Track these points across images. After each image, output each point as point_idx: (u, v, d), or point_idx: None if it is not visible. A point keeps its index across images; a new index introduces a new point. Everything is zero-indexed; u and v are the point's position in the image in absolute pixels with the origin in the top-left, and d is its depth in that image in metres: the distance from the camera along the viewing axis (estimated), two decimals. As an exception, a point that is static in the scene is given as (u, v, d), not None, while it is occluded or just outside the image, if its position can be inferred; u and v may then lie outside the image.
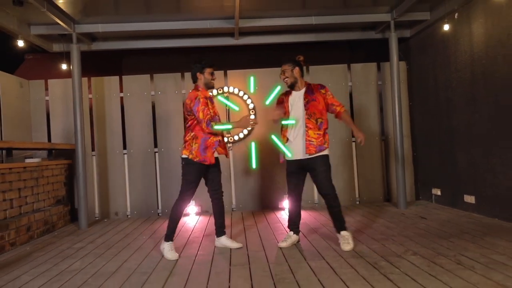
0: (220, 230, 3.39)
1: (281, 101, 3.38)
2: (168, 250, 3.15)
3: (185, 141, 3.24)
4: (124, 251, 3.45)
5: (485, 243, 3.10)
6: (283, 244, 3.29)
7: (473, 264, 2.63)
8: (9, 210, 3.86)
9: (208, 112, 3.15)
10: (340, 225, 3.23)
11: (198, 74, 3.28)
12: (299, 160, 3.22)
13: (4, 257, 3.44)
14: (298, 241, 3.41)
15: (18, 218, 3.88)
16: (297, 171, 3.27)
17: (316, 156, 3.16)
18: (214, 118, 3.22)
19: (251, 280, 2.53)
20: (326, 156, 3.21)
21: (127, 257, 3.26)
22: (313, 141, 3.16)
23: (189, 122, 3.24)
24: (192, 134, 3.20)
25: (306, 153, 3.17)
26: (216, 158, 3.29)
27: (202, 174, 3.24)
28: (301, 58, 3.35)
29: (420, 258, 2.82)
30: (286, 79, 3.31)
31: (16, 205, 3.97)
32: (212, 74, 3.29)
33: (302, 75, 3.33)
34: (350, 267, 2.70)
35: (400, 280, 2.39)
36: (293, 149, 3.23)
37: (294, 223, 3.39)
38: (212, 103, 3.29)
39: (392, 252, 3.01)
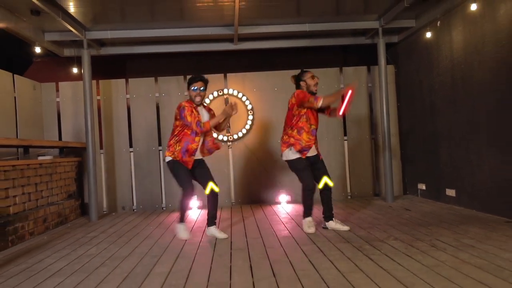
0: (211, 220, 3.71)
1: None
2: (182, 229, 3.68)
3: (169, 145, 3.63)
4: (135, 239, 3.80)
5: (459, 230, 3.46)
6: (311, 230, 3.66)
7: (445, 246, 2.99)
8: (27, 203, 4.20)
9: (195, 115, 3.51)
10: (331, 214, 3.74)
11: (187, 90, 3.70)
12: (310, 157, 3.73)
13: (25, 245, 3.78)
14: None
15: (36, 210, 4.22)
16: (309, 165, 3.72)
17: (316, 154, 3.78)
18: (200, 120, 3.55)
19: (250, 261, 2.88)
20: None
21: (138, 243, 3.61)
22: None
23: (176, 129, 3.61)
24: (176, 138, 3.57)
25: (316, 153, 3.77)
26: (201, 160, 3.67)
27: (189, 172, 3.59)
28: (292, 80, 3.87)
29: (399, 242, 3.18)
30: (316, 86, 3.70)
31: (33, 198, 4.31)
32: (194, 90, 3.55)
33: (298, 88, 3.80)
34: (337, 250, 3.06)
35: (379, 260, 2.74)
36: (311, 150, 3.70)
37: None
38: (199, 112, 3.58)
39: (376, 237, 3.37)
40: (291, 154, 3.68)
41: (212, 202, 3.67)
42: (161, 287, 2.43)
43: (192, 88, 3.57)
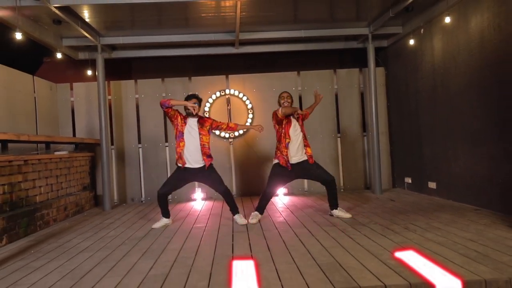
0: (233, 211, 4.18)
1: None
2: (158, 222, 4.15)
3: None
4: (147, 225, 4.29)
5: (432, 216, 3.95)
6: (252, 221, 4.07)
7: (416, 228, 3.48)
8: (50, 193, 4.69)
9: (173, 100, 3.95)
10: (335, 203, 4.17)
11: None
12: (301, 164, 4.08)
13: (51, 229, 4.28)
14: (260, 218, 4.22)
15: (57, 200, 4.72)
16: (293, 175, 4.11)
17: (314, 163, 4.14)
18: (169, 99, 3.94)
19: (249, 240, 3.37)
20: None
21: (151, 228, 4.10)
22: (310, 155, 4.16)
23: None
24: (176, 142, 4.04)
25: (309, 163, 4.09)
26: (202, 168, 3.98)
27: (178, 180, 4.02)
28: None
29: (378, 225, 3.67)
30: (287, 103, 4.12)
31: (55, 189, 4.80)
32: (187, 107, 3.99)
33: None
34: (324, 232, 3.55)
35: (358, 238, 3.23)
36: (291, 160, 4.05)
37: (264, 207, 4.25)
38: (185, 123, 3.98)
39: (359, 222, 3.86)
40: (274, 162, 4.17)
41: (226, 200, 4.15)
42: (176, 258, 2.93)
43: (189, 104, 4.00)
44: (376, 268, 2.48)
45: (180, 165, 4.00)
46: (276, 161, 4.11)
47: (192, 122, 4.03)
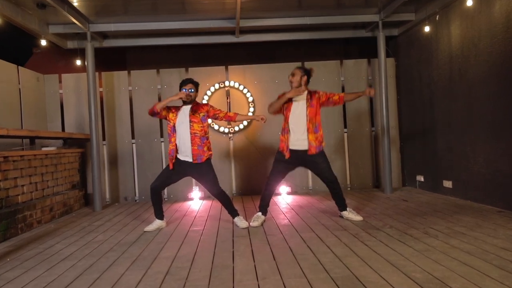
0: (232, 214, 3.82)
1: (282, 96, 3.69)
2: (152, 224, 3.80)
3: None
4: (139, 227, 3.93)
5: (452, 219, 3.59)
6: (254, 224, 3.68)
7: (437, 233, 3.12)
8: (35, 192, 4.32)
9: (160, 104, 3.66)
10: (344, 204, 3.80)
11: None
12: (301, 155, 3.63)
13: (34, 232, 3.91)
14: (264, 220, 3.82)
15: (42, 200, 4.35)
16: (292, 163, 3.70)
17: (316, 154, 3.63)
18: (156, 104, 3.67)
19: (251, 247, 3.01)
20: (323, 152, 3.71)
21: (143, 231, 3.74)
22: (313, 143, 3.62)
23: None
24: (169, 137, 3.71)
25: (308, 154, 3.63)
26: (195, 164, 3.59)
27: (170, 175, 3.68)
28: (313, 71, 3.75)
29: (394, 230, 3.31)
30: (292, 82, 3.67)
31: (40, 188, 4.43)
32: (184, 90, 3.64)
33: (307, 84, 3.72)
34: (334, 237, 3.19)
35: (374, 245, 2.88)
36: (292, 146, 3.65)
37: (267, 205, 3.85)
38: (177, 115, 3.66)
39: (372, 226, 3.50)
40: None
41: (222, 203, 3.81)
42: (169, 269, 2.57)
43: (183, 89, 3.65)
44: (401, 284, 2.13)
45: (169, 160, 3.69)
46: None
47: (185, 109, 3.69)
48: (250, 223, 3.71)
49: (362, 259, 2.58)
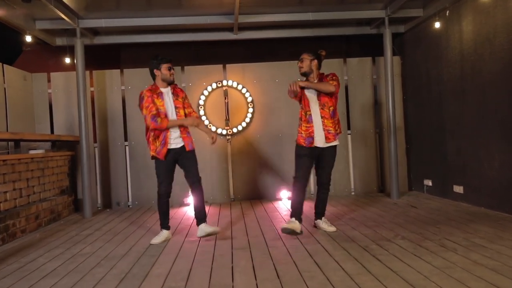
0: (199, 218, 3.43)
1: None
2: (158, 236, 3.39)
3: (149, 142, 3.38)
4: (131, 237, 3.65)
5: (469, 229, 3.33)
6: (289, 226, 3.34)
7: (456, 246, 2.86)
8: (19, 199, 4.02)
9: (152, 109, 3.24)
10: (323, 212, 3.56)
11: (155, 70, 3.35)
12: (319, 148, 3.36)
13: (17, 243, 3.62)
14: (301, 231, 3.39)
15: (27, 207, 4.05)
16: (311, 156, 3.39)
17: (330, 146, 3.38)
18: (157, 115, 3.25)
19: (252, 261, 2.74)
20: (336, 147, 3.45)
21: (134, 242, 3.46)
22: (331, 130, 3.36)
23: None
24: (153, 134, 3.31)
25: (326, 142, 3.36)
26: (183, 147, 3.34)
27: (169, 167, 3.36)
28: (323, 53, 3.48)
29: (407, 242, 3.05)
30: (301, 68, 3.42)
31: (25, 194, 4.13)
32: (169, 69, 3.34)
33: (319, 68, 3.45)
34: (343, 249, 2.92)
35: (388, 260, 2.61)
36: (315, 137, 3.35)
37: (300, 212, 3.43)
38: (163, 99, 3.31)
39: (383, 237, 3.23)
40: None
41: (195, 196, 3.43)
42: (159, 292, 2.29)
43: (167, 67, 3.33)
44: (426, 311, 1.86)
45: (161, 151, 3.32)
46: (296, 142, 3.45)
47: (166, 94, 3.37)
48: (283, 228, 3.33)
49: (377, 277, 2.31)
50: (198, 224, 3.47)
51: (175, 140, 3.35)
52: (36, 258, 3.08)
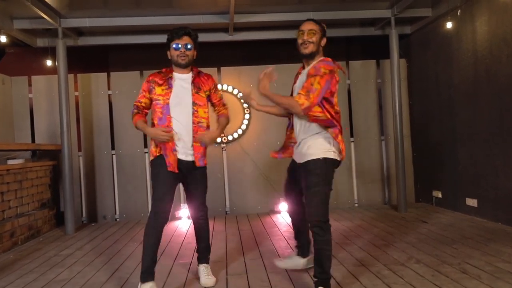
0: (204, 255, 2.67)
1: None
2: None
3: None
4: (115, 259, 3.27)
5: (490, 250, 3.00)
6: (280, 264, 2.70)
7: (479, 273, 2.52)
8: (-10, 215, 3.64)
9: (141, 99, 2.49)
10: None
11: (167, 52, 2.52)
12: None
13: (-15, 267, 3.23)
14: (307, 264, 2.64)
15: (1, 224, 3.66)
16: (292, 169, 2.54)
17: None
18: (140, 107, 2.48)
19: (249, 293, 2.39)
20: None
21: (118, 265, 3.08)
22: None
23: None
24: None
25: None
26: (192, 163, 2.45)
27: (172, 181, 2.42)
28: (325, 27, 2.46)
29: (423, 266, 2.71)
30: (310, 44, 2.30)
31: (-2, 210, 3.75)
32: (176, 48, 2.44)
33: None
34: (351, 277, 2.57)
35: (406, 293, 2.27)
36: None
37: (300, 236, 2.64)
38: (170, 87, 2.44)
39: (395, 259, 2.89)
40: None
41: (199, 234, 2.60)
42: None
43: (173, 45, 2.45)
44: None
45: (168, 157, 2.38)
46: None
47: (182, 81, 2.45)
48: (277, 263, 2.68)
49: (396, 317, 1.97)
50: (199, 261, 2.68)
51: (183, 148, 2.41)
52: (5, 287, 2.70)
